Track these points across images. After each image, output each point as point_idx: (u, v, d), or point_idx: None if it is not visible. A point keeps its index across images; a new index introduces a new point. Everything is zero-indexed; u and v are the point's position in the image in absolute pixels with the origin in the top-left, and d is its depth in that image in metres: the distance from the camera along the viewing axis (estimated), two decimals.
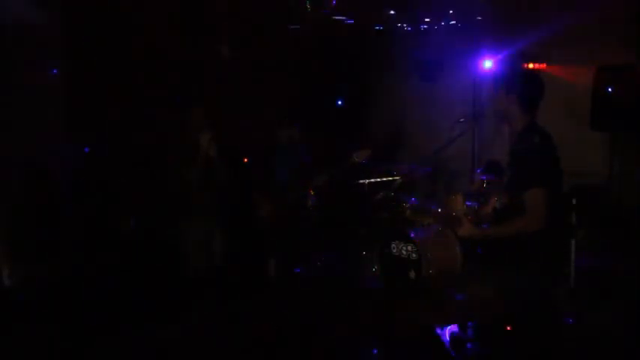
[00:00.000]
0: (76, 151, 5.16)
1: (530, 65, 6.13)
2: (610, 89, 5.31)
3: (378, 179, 5.95)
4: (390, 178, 5.96)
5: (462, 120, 5.89)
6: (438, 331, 4.17)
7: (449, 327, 4.18)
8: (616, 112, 5.27)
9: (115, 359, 3.95)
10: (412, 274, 5.10)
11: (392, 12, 6.04)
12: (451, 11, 6.10)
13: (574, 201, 4.98)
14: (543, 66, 6.11)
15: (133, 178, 5.23)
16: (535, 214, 2.73)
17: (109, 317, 4.27)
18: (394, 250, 5.31)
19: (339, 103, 7.48)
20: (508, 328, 3.06)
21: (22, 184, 4.75)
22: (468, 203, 5.69)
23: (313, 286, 5.30)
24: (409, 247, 5.18)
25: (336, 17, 6.09)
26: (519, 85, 2.93)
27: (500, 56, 6.38)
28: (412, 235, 5.19)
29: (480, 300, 4.48)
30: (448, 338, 4.04)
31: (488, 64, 6.47)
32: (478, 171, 5.68)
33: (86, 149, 5.11)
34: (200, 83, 5.74)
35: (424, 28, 6.95)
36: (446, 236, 5.33)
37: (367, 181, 5.70)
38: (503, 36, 6.31)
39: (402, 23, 6.74)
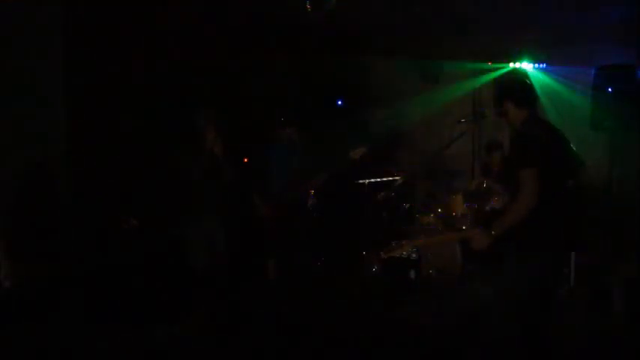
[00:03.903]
0: (76, 150, 5.15)
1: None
2: (610, 89, 5.31)
3: (378, 179, 5.96)
4: (390, 178, 5.97)
5: (462, 120, 5.91)
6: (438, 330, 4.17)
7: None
8: (616, 112, 5.27)
9: (116, 359, 3.95)
10: (412, 274, 5.11)
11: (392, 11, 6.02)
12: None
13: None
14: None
15: (135, 176, 5.23)
16: (526, 189, 2.86)
17: (109, 317, 4.28)
18: None
19: (339, 103, 7.48)
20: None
21: (22, 184, 4.74)
22: (467, 203, 5.71)
23: (313, 286, 5.30)
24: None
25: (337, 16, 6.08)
26: (509, 90, 3.16)
27: (500, 56, 6.39)
28: (412, 235, 5.20)
29: (480, 300, 4.50)
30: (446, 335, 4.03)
31: (488, 64, 6.47)
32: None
33: (80, 151, 5.10)
34: (203, 82, 5.74)
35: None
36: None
37: (367, 181, 5.71)
38: (504, 36, 6.31)
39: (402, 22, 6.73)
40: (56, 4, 4.95)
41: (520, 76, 3.26)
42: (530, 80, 3.21)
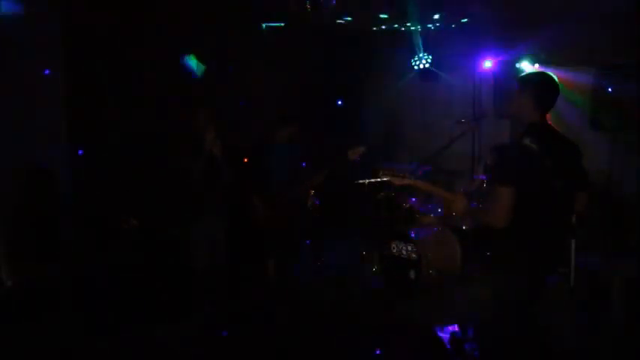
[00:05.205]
0: (76, 150, 5.16)
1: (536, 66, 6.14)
2: (610, 89, 5.31)
3: (378, 179, 5.95)
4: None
5: (462, 120, 5.90)
6: (438, 331, 4.18)
7: (449, 327, 4.19)
8: (616, 112, 5.27)
9: (115, 359, 3.95)
10: (412, 274, 5.11)
11: (393, 11, 6.03)
12: (453, 11, 6.09)
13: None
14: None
15: (135, 177, 5.23)
16: (494, 211, 2.78)
17: (110, 317, 4.28)
18: (394, 250, 5.31)
19: (339, 102, 7.48)
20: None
21: (22, 185, 4.75)
22: None
23: (313, 286, 5.31)
24: (409, 247, 5.18)
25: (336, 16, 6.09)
26: (533, 83, 3.00)
27: (500, 56, 6.38)
28: (412, 235, 5.20)
29: (480, 300, 4.50)
30: (448, 338, 4.05)
31: (488, 64, 6.47)
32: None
33: (80, 152, 5.11)
34: (202, 82, 5.74)
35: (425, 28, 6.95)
36: (446, 236, 5.34)
37: (367, 181, 5.70)
38: (504, 36, 6.31)
39: (404, 23, 6.73)
40: (56, 4, 4.95)
41: (553, 80, 3.02)
42: (557, 85, 3.01)
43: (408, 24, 6.52)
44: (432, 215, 5.80)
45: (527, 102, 2.95)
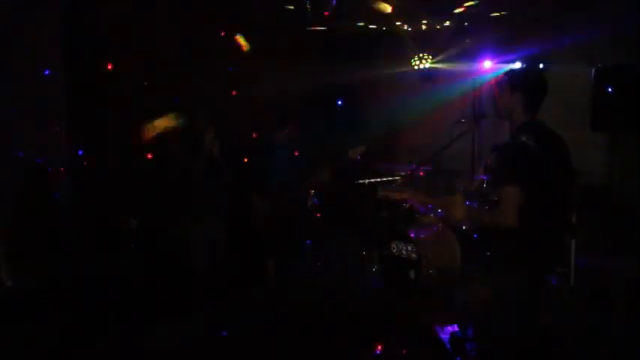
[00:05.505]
0: (76, 150, 5.16)
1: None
2: (610, 89, 5.30)
3: (378, 179, 5.95)
4: (390, 178, 5.96)
5: (462, 120, 5.91)
6: (438, 331, 4.18)
7: (449, 327, 4.19)
8: (616, 112, 5.26)
9: (115, 359, 3.95)
10: (412, 274, 5.11)
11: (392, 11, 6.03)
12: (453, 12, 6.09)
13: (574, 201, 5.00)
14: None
15: (135, 177, 5.23)
16: (505, 212, 2.76)
17: (110, 317, 4.28)
18: (394, 250, 5.31)
19: (339, 102, 7.48)
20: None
21: (22, 185, 4.75)
22: (467, 203, 5.70)
23: (313, 286, 5.30)
24: (409, 247, 5.18)
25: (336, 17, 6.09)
26: (525, 83, 2.97)
27: (500, 56, 6.38)
28: (412, 235, 5.20)
29: (480, 300, 4.49)
30: (448, 338, 4.05)
31: (488, 64, 6.46)
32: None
33: (80, 152, 5.11)
34: (202, 82, 5.74)
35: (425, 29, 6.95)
36: (446, 236, 5.34)
37: (367, 180, 5.71)
38: (504, 37, 6.30)
39: (403, 24, 6.74)
40: (56, 4, 4.95)
41: (542, 79, 2.97)
42: (546, 83, 2.95)
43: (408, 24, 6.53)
44: (432, 215, 5.79)
45: (518, 102, 2.94)
